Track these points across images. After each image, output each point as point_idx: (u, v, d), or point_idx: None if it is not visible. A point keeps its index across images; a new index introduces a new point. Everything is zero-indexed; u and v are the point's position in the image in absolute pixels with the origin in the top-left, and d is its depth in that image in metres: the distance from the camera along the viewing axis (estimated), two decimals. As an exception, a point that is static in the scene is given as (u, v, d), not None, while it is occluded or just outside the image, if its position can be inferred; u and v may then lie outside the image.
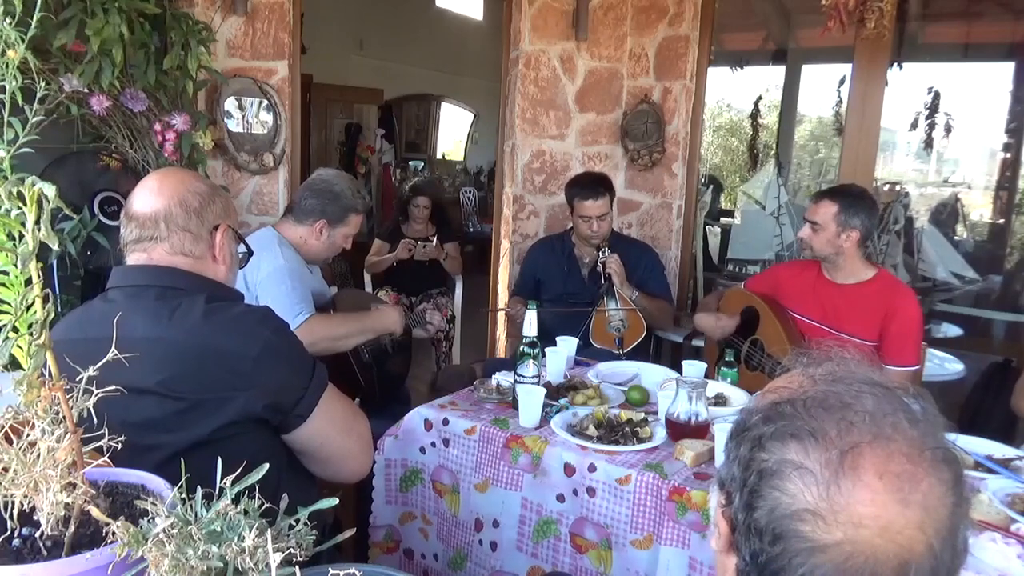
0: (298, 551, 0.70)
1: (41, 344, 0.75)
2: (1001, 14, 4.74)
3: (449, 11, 8.62)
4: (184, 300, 1.23)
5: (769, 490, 0.65)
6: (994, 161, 5.62)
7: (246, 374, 1.21)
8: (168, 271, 1.28)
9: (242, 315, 1.27)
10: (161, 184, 1.31)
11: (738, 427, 0.72)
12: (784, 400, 0.69)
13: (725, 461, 0.72)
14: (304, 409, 1.28)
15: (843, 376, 0.70)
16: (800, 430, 0.65)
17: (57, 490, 0.73)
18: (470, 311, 4.41)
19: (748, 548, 0.66)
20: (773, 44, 5.53)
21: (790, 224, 4.30)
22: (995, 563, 1.31)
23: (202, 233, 1.30)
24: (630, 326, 2.73)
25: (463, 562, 1.90)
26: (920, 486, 0.62)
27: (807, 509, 0.62)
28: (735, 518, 0.68)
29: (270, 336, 1.25)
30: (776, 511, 0.64)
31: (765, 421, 0.68)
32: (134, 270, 1.29)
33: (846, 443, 0.63)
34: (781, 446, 0.66)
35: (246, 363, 1.21)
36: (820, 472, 0.63)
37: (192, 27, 2.58)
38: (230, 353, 1.20)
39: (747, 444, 0.69)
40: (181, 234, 1.28)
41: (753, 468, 0.67)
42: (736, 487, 0.68)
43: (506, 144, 3.68)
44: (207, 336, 1.20)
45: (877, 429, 0.64)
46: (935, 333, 3.85)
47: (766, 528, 0.64)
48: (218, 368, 1.20)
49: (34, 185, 0.71)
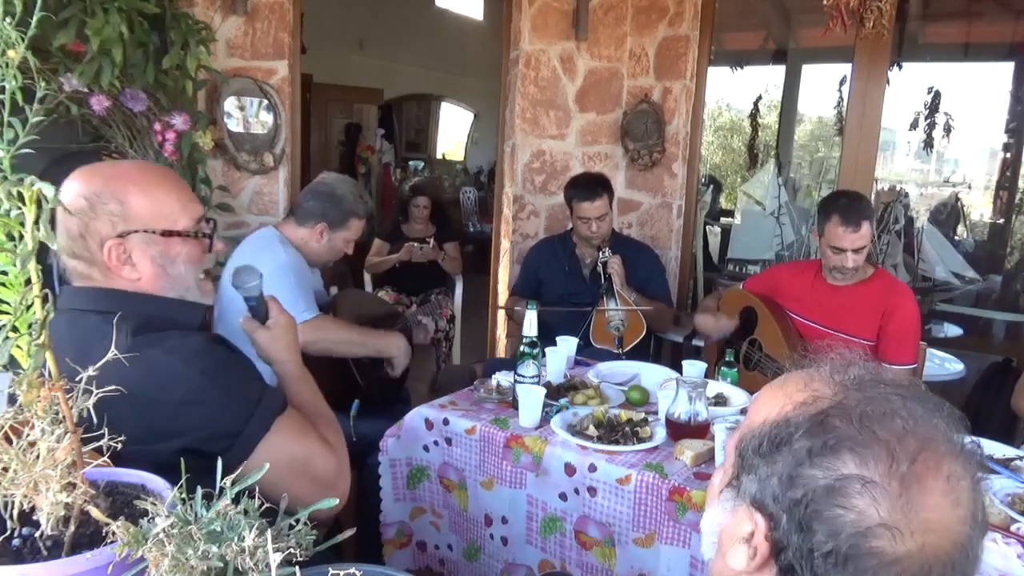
0: (298, 551, 0.70)
1: (41, 344, 0.75)
2: (1001, 14, 4.74)
3: (449, 11, 8.62)
4: (111, 335, 1.01)
5: (831, 508, 0.62)
6: (994, 161, 5.63)
7: (166, 420, 1.09)
8: (103, 293, 1.17)
9: (165, 354, 1.11)
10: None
11: (771, 442, 0.68)
12: (826, 411, 0.66)
13: (754, 479, 0.68)
14: (236, 455, 1.10)
15: (870, 380, 0.69)
16: (855, 442, 0.63)
17: (57, 490, 0.73)
18: (470, 311, 4.41)
19: (809, 571, 0.64)
20: (773, 44, 5.53)
21: (790, 224, 4.30)
22: (995, 563, 1.31)
23: (95, 257, 1.16)
24: (630, 326, 2.73)
25: (477, 553, 1.92)
26: (963, 482, 0.63)
27: (881, 524, 0.61)
28: (784, 540, 0.65)
29: (195, 379, 1.11)
30: (844, 531, 0.62)
31: (809, 435, 0.65)
32: (76, 292, 1.19)
33: (907, 452, 0.62)
34: (835, 460, 0.63)
35: (168, 408, 1.09)
36: (888, 484, 0.61)
37: (192, 27, 2.57)
38: (149, 398, 1.07)
39: (788, 460, 0.65)
40: (75, 262, 1.17)
41: (803, 486, 0.64)
42: (782, 508, 0.65)
43: (506, 144, 3.68)
44: (129, 379, 1.00)
45: (924, 432, 0.64)
46: (935, 333, 3.85)
47: (834, 549, 0.62)
48: (137, 412, 1.04)
49: (33, 185, 0.71)
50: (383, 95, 8.40)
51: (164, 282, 1.21)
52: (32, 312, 0.76)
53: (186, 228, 1.22)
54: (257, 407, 1.16)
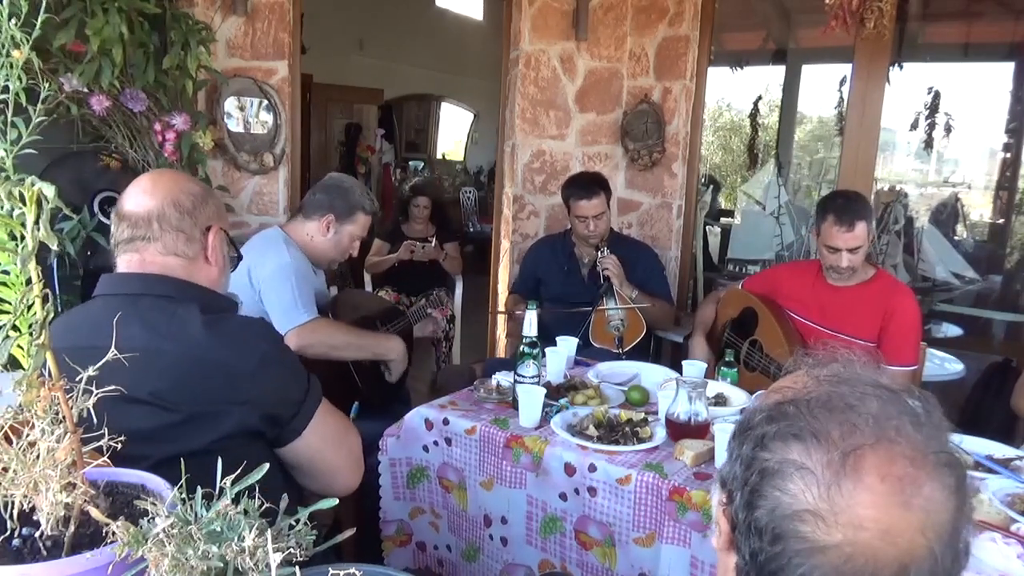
0: (298, 551, 0.70)
1: (41, 344, 0.75)
2: (1001, 14, 4.74)
3: (449, 11, 8.62)
4: (179, 310, 1.21)
5: (770, 489, 0.65)
6: (994, 161, 5.62)
7: (243, 387, 1.19)
8: (160, 279, 1.25)
9: (240, 327, 1.27)
10: (154, 184, 1.29)
11: (741, 426, 0.72)
12: (788, 400, 0.69)
13: (727, 460, 0.72)
14: (299, 423, 1.27)
15: (848, 378, 0.70)
16: (802, 430, 0.65)
17: (57, 490, 0.73)
18: (470, 311, 4.41)
19: (748, 547, 0.66)
20: (773, 44, 5.53)
21: (790, 224, 4.30)
22: (995, 563, 1.31)
23: (195, 234, 1.29)
24: (630, 326, 2.73)
25: (476, 554, 1.92)
26: (922, 490, 0.62)
27: (808, 510, 0.62)
28: (735, 516, 0.68)
29: (268, 349, 1.25)
30: (777, 511, 0.64)
31: (768, 420, 0.68)
32: (126, 278, 1.27)
33: (848, 445, 0.63)
34: (783, 446, 0.66)
35: (244, 376, 1.20)
36: (821, 473, 0.63)
37: (192, 27, 2.57)
38: (228, 366, 1.19)
39: (749, 443, 0.69)
40: (174, 234, 1.27)
41: (755, 467, 0.67)
42: (737, 486, 0.68)
43: (506, 144, 3.68)
44: (205, 348, 1.18)
45: (880, 431, 0.64)
46: (935, 333, 3.85)
47: (766, 527, 0.64)
48: (215, 381, 1.18)
49: (34, 185, 0.71)
50: (383, 95, 8.40)
51: (224, 280, 1.37)
52: (32, 312, 0.76)
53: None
54: (310, 381, 1.31)
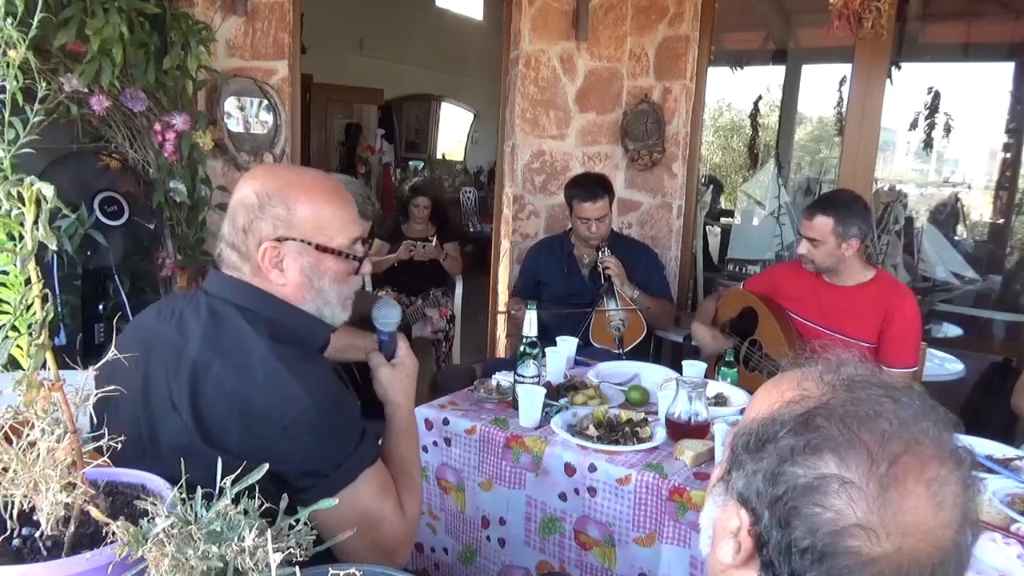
0: (298, 551, 0.70)
1: (41, 344, 0.75)
2: (1001, 14, 4.74)
3: (449, 11, 8.62)
4: (251, 333, 1.12)
5: (810, 507, 0.63)
6: (994, 161, 5.62)
7: (269, 437, 1.07)
8: (244, 287, 1.19)
9: (290, 373, 1.10)
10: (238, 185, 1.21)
11: (757, 439, 0.69)
12: (811, 411, 0.67)
13: (741, 475, 0.69)
14: (318, 494, 1.05)
15: (860, 381, 0.69)
16: (836, 442, 0.64)
17: (57, 490, 0.73)
18: (470, 311, 4.41)
19: (787, 566, 0.64)
20: (773, 44, 5.53)
21: (790, 224, 4.30)
22: (995, 563, 1.31)
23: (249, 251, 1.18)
24: (630, 326, 2.73)
25: (473, 557, 1.91)
26: (948, 487, 0.63)
27: (856, 524, 0.61)
28: (764, 535, 0.66)
29: (307, 408, 1.09)
30: (821, 528, 0.62)
31: (793, 433, 0.66)
32: (225, 282, 1.21)
33: (887, 454, 0.63)
34: (816, 459, 0.64)
35: (272, 427, 1.07)
36: (866, 485, 0.62)
37: (192, 27, 2.57)
38: (259, 412, 1.07)
39: (772, 457, 0.66)
40: (229, 251, 1.20)
41: (784, 483, 0.65)
42: (764, 503, 0.66)
43: (506, 144, 3.68)
44: (246, 384, 1.08)
45: (909, 435, 0.64)
46: (935, 333, 3.85)
47: (811, 546, 0.63)
48: (243, 423, 1.07)
49: (32, 185, 0.71)
50: (383, 95, 8.40)
51: (306, 293, 1.21)
52: (32, 312, 0.76)
53: (340, 247, 1.21)
54: (351, 455, 1.14)
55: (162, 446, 1.09)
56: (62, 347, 2.42)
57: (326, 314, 1.24)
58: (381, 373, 1.35)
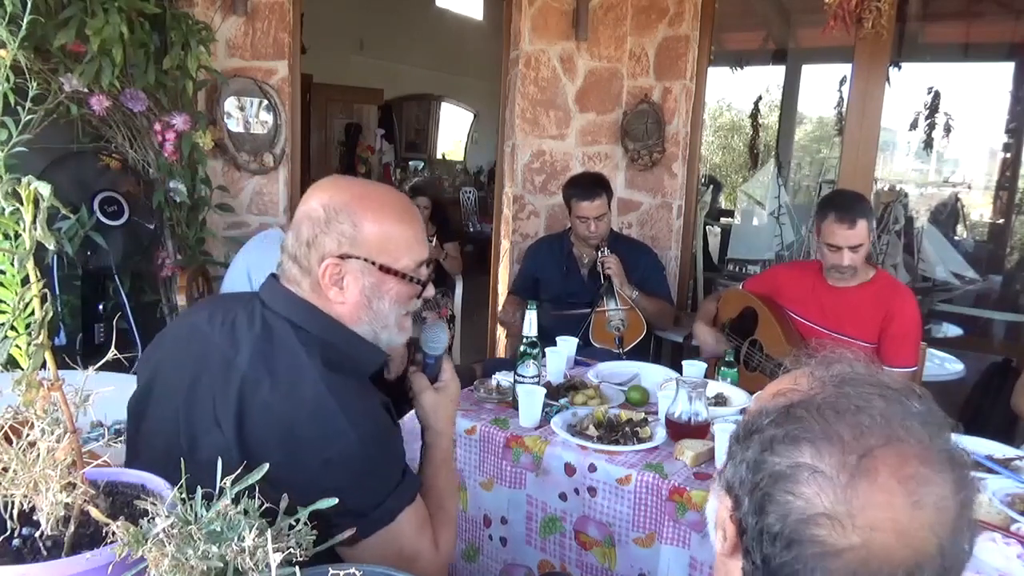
0: (298, 551, 0.70)
1: (40, 344, 0.75)
2: (1001, 14, 4.74)
3: (449, 11, 8.62)
4: (304, 356, 1.08)
5: (782, 494, 0.64)
6: (994, 161, 5.63)
7: (310, 470, 1.03)
8: (299, 303, 1.15)
9: (339, 406, 1.06)
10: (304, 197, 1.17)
11: (745, 429, 0.71)
12: (795, 403, 0.68)
13: (731, 464, 0.71)
14: (357, 532, 1.00)
15: (852, 378, 0.69)
16: (813, 433, 0.65)
17: (57, 490, 0.73)
18: (470, 311, 4.40)
19: (759, 552, 0.65)
20: (773, 44, 5.53)
21: (790, 224, 4.30)
22: (995, 563, 1.31)
23: (309, 265, 1.14)
24: (630, 325, 2.73)
25: (476, 555, 1.92)
26: (931, 487, 0.62)
27: (823, 513, 0.62)
28: (744, 522, 0.67)
29: (351, 444, 1.05)
30: (791, 516, 0.63)
31: (775, 424, 0.67)
32: (282, 295, 1.17)
33: (861, 447, 0.63)
34: (793, 449, 0.65)
35: (313, 458, 1.03)
36: (836, 476, 0.62)
37: (192, 27, 2.58)
38: (303, 442, 1.04)
39: (756, 447, 0.68)
40: (290, 264, 1.16)
41: (763, 471, 0.66)
42: (745, 491, 0.67)
43: (506, 144, 3.68)
44: (293, 411, 1.05)
45: (890, 431, 0.64)
46: (935, 333, 3.85)
47: (780, 532, 0.63)
48: (286, 449, 1.03)
49: (30, 185, 0.71)
50: (383, 95, 8.40)
51: (364, 314, 1.17)
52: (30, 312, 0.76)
53: (404, 268, 1.17)
54: (390, 495, 1.10)
55: (201, 459, 1.04)
56: (62, 347, 2.42)
57: (382, 337, 1.20)
58: (425, 398, 1.31)
